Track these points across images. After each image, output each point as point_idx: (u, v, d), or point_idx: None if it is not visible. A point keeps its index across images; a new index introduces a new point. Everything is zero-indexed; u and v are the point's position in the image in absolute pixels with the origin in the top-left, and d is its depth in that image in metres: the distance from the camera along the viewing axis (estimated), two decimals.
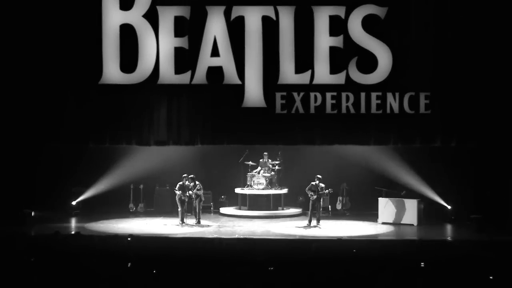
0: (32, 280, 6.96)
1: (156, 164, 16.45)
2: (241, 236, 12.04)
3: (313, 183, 14.32)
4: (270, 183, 16.58)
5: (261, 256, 8.81)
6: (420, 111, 13.71)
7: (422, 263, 7.46)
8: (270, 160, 16.63)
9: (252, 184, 16.39)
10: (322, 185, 14.30)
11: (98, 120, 14.32)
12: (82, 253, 8.25)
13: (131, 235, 10.46)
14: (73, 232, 10.70)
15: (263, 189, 16.33)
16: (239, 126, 14.02)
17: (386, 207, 14.76)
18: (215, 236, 12.21)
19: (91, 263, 7.69)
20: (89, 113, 14.09)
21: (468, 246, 10.19)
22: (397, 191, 15.02)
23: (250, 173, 16.65)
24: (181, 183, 14.54)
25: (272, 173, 16.61)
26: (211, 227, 14.05)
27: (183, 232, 13.31)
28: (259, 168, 16.68)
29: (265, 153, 16.44)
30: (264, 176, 16.40)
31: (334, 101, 13.96)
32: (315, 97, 13.97)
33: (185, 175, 14.60)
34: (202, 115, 14.42)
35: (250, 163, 16.70)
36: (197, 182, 14.54)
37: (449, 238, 12.93)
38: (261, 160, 16.68)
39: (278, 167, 16.71)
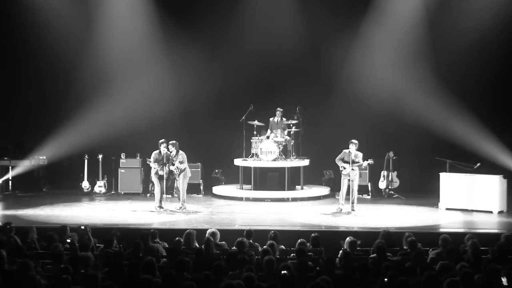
0: None
1: (121, 125, 16.66)
2: (243, 227, 11.95)
3: (346, 151, 14.25)
4: (285, 152, 16.66)
5: (273, 254, 8.89)
6: None
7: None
8: (285, 119, 16.59)
9: (259, 153, 16.35)
10: (359, 153, 14.20)
11: None
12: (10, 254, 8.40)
13: (85, 226, 10.41)
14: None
15: (274, 160, 16.32)
16: None
17: (451, 186, 14.77)
18: (205, 226, 12.08)
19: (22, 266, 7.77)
20: None
21: None
22: (469, 163, 15.05)
23: (256, 138, 16.62)
24: (157, 152, 14.49)
25: (287, 137, 16.56)
26: (201, 214, 14.15)
27: (161, 221, 13.37)
28: (269, 130, 16.69)
29: (278, 109, 16.45)
30: (276, 142, 16.35)
31: None
32: None
33: (162, 140, 14.51)
34: None
35: (256, 122, 16.66)
36: (180, 151, 14.44)
37: None
38: (271, 118, 16.68)
39: (296, 128, 16.66)
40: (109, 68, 17.07)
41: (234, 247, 9.51)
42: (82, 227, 10.38)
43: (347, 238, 9.64)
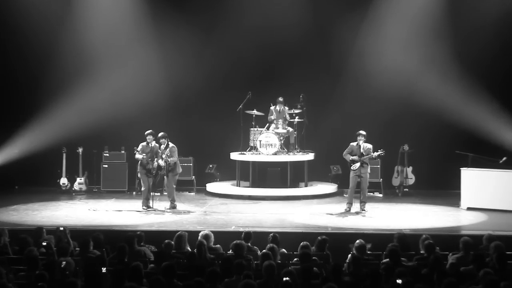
0: None
1: (103, 114, 16.69)
2: (240, 229, 12.01)
3: (354, 144, 14.27)
4: (287, 145, 16.66)
5: (274, 259, 8.92)
6: None
7: None
8: (287, 108, 16.58)
9: (259, 146, 16.35)
10: (369, 146, 14.22)
11: None
12: None
13: (64, 227, 10.44)
14: None
15: (275, 153, 16.32)
16: None
17: (474, 183, 14.77)
18: (198, 228, 12.11)
19: None
20: None
21: None
22: (494, 157, 15.03)
23: (255, 129, 16.63)
24: (144, 144, 14.47)
25: (290, 128, 16.55)
26: (193, 214, 14.18)
27: (148, 222, 13.38)
28: (273, 116, 16.66)
29: (280, 98, 16.44)
30: (277, 134, 16.35)
31: None
32: None
33: (150, 131, 14.51)
34: None
35: (255, 112, 16.64)
36: (170, 144, 14.45)
37: None
38: (272, 107, 16.68)
39: (299, 118, 16.63)
40: (90, 50, 17.01)
41: (230, 251, 9.51)
42: (61, 229, 10.37)
43: (357, 241, 9.64)
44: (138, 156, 14.35)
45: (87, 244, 9.67)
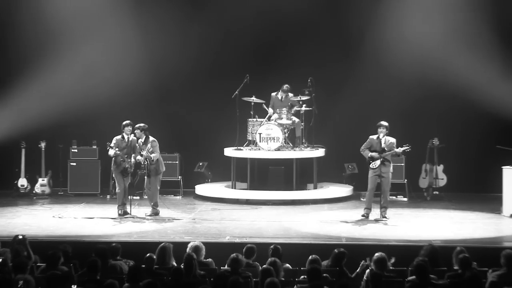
0: None
1: (71, 102, 16.73)
2: (236, 239, 12.10)
3: (374, 137, 14.25)
4: (292, 138, 16.73)
5: (277, 276, 8.88)
6: None
7: None
8: (292, 95, 16.64)
9: (258, 140, 16.38)
10: (392, 140, 14.21)
11: None
12: None
13: (23, 237, 10.39)
14: None
15: (278, 149, 16.34)
16: None
17: None
18: (185, 239, 12.09)
19: None
20: None
21: None
22: None
23: (254, 120, 16.67)
24: (119, 138, 14.47)
25: (296, 119, 16.60)
26: (180, 222, 14.18)
27: (125, 231, 13.35)
28: (270, 110, 16.71)
29: (285, 86, 16.51)
30: (280, 125, 16.37)
31: None
32: None
33: (127, 122, 14.50)
34: None
35: (254, 99, 16.68)
36: (151, 138, 14.45)
37: None
38: (274, 94, 16.74)
39: (308, 106, 16.74)
40: (55, 25, 17.00)
41: (225, 267, 9.45)
42: (19, 237, 10.30)
43: (376, 254, 9.60)
44: (111, 152, 14.31)
45: (56, 259, 9.59)
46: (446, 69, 16.66)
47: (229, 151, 16.74)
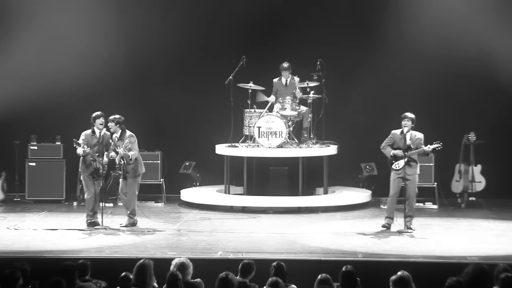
0: None
1: (29, 88, 16.85)
2: (230, 255, 12.19)
3: (397, 131, 14.28)
4: (298, 133, 16.82)
5: None
6: None
7: None
8: (298, 79, 16.66)
9: (257, 134, 16.42)
10: (419, 135, 14.25)
11: None
12: None
13: None
14: None
15: (280, 146, 16.40)
16: None
17: None
18: (169, 254, 12.15)
19: None
20: None
21: None
22: None
23: (251, 111, 16.72)
24: (88, 133, 14.46)
25: (303, 109, 16.63)
26: (162, 235, 14.27)
27: (96, 245, 13.35)
28: (272, 97, 16.76)
29: (284, 64, 16.53)
30: (284, 117, 16.39)
31: None
32: None
33: (98, 113, 14.48)
34: None
35: (251, 85, 16.72)
36: (128, 133, 14.45)
37: None
38: (276, 79, 16.81)
39: (317, 94, 16.78)
40: None
41: None
42: None
43: (398, 273, 9.50)
44: (79, 150, 14.29)
45: (13, 280, 9.52)
46: (485, 46, 16.75)
47: (221, 149, 16.78)
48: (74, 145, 14.32)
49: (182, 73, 17.63)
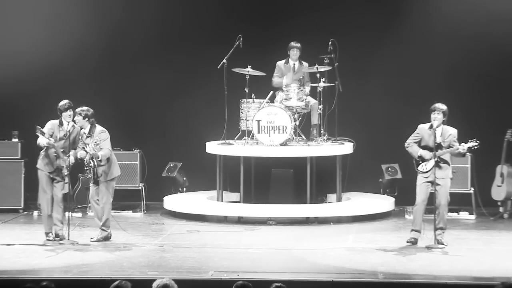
0: None
1: None
2: (224, 276, 12.20)
3: (425, 126, 14.31)
4: (306, 128, 16.87)
5: None
6: None
7: None
8: (306, 64, 16.76)
9: (256, 130, 16.42)
10: (451, 131, 14.24)
11: None
12: None
13: None
14: None
15: (284, 143, 16.39)
16: None
17: None
18: (149, 275, 12.17)
19: None
20: None
21: None
22: None
23: (250, 101, 16.76)
24: (55, 122, 14.43)
25: (311, 100, 16.72)
26: (142, 250, 14.29)
27: (61, 264, 13.31)
28: (275, 83, 16.81)
29: (294, 43, 16.58)
30: (288, 109, 16.38)
31: None
32: None
33: (66, 103, 14.36)
34: None
35: (249, 70, 16.75)
36: (99, 128, 14.44)
37: None
38: (280, 62, 16.95)
39: (328, 82, 16.81)
40: None
41: None
42: None
43: None
44: (43, 140, 14.18)
45: None
46: None
47: (213, 147, 16.76)
48: (37, 133, 14.18)
49: (165, 56, 17.79)
